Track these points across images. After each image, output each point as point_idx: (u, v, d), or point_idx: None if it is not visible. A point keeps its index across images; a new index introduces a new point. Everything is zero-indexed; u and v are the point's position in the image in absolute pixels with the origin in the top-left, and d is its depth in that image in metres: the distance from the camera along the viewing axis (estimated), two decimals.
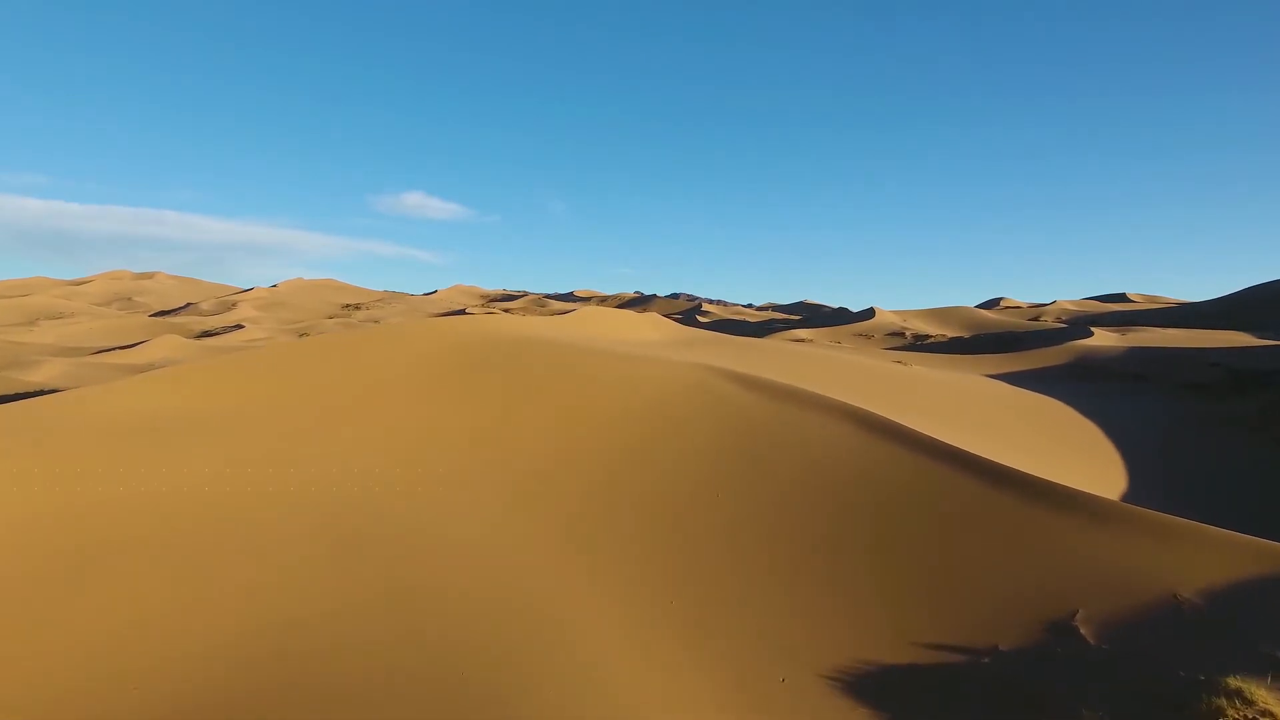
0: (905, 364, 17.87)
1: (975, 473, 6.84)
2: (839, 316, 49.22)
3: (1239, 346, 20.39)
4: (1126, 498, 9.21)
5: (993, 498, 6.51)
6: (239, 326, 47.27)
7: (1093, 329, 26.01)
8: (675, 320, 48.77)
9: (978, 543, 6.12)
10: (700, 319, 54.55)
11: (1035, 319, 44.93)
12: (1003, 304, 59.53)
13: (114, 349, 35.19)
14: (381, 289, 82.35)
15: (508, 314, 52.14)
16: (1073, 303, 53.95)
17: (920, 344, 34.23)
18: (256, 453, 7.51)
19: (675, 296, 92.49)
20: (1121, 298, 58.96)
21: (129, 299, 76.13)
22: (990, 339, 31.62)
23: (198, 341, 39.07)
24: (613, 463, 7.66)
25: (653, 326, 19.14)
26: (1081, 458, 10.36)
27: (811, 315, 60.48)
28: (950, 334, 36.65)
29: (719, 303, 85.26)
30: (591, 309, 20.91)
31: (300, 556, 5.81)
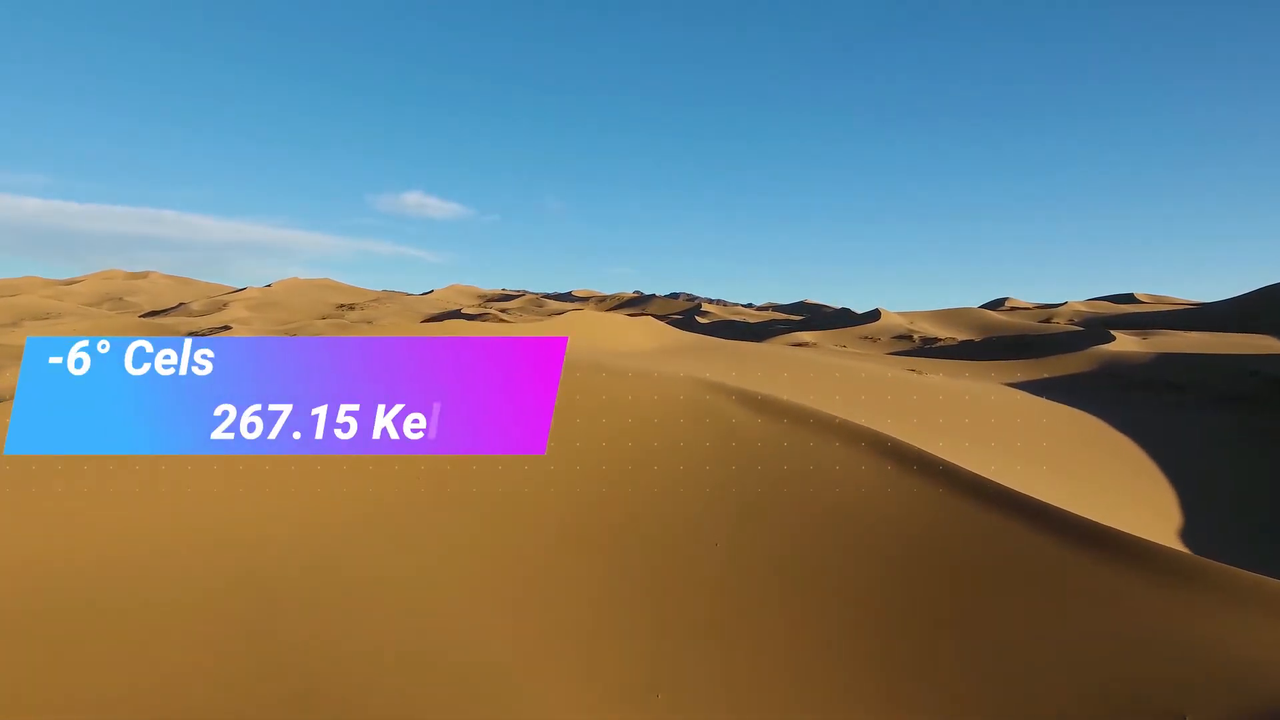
0: (919, 372, 16.70)
1: (1046, 526, 5.43)
2: (842, 318, 47.85)
3: (1273, 353, 19.13)
4: (1193, 539, 7.94)
5: (1070, 561, 5.13)
6: (226, 328, 46.03)
7: (1114, 333, 24.74)
8: (675, 320, 47.60)
9: (1050, 620, 4.81)
10: (700, 319, 53.29)
11: (1047, 320, 43.56)
12: (1008, 304, 57.98)
13: None
14: (380, 288, 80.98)
15: (503, 315, 50.96)
16: (1084, 303, 52.40)
17: (929, 348, 32.91)
18: (179, 482, 6.26)
19: (675, 296, 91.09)
20: (1130, 298, 57.39)
21: (120, 299, 74.69)
22: (1003, 343, 30.32)
23: None
24: (585, 501, 6.38)
25: (646, 332, 17.88)
26: (1139, 491, 9.10)
27: (813, 316, 59.11)
28: (960, 337, 35.27)
29: (719, 302, 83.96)
30: (581, 313, 19.70)
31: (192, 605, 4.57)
